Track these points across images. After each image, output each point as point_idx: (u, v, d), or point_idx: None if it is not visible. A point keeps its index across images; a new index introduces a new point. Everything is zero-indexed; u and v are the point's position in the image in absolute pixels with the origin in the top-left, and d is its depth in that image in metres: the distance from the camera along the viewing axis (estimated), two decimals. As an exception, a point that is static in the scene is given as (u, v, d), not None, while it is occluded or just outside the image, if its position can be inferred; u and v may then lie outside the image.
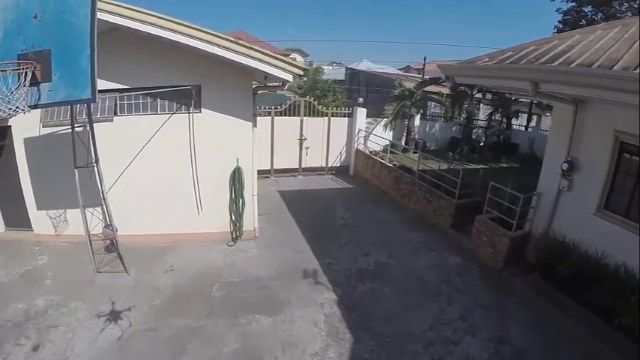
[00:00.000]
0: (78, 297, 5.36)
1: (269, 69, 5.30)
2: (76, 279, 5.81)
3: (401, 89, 12.58)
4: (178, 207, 7.10)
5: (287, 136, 11.81)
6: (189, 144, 6.66)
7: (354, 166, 12.50)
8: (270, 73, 5.36)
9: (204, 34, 5.08)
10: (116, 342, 4.64)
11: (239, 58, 5.28)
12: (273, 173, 12.12)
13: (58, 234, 6.86)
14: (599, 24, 6.48)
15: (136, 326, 4.93)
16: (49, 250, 6.66)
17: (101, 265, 6.14)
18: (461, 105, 13.44)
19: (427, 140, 13.80)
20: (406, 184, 9.27)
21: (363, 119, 12.14)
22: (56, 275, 5.94)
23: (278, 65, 5.25)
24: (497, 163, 13.69)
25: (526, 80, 4.53)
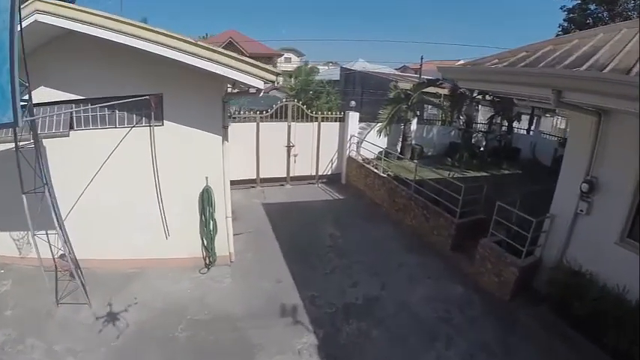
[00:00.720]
0: (36, 332, 4.81)
1: (235, 74, 4.43)
2: (37, 310, 5.21)
3: (396, 92, 11.73)
4: (143, 230, 6.28)
5: (274, 142, 10.95)
6: (152, 161, 5.79)
7: (346, 174, 11.65)
8: (237, 79, 4.49)
9: (150, 34, 4.19)
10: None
11: (198, 62, 4.41)
12: (260, 183, 11.26)
13: (23, 256, 6.15)
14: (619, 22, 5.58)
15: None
16: (14, 273, 6.03)
17: (64, 295, 5.52)
18: (460, 108, 12.59)
19: (424, 146, 12.95)
20: (402, 197, 8.42)
21: (356, 124, 11.28)
22: (17, 305, 5.34)
23: (245, 70, 4.38)
24: (498, 170, 12.88)
25: (546, 87, 3.68)
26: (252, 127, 10.72)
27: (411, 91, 11.60)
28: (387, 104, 11.45)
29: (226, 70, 4.38)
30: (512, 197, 10.30)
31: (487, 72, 4.39)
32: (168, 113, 5.58)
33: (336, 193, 10.83)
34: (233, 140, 10.65)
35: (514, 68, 4.01)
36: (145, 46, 4.25)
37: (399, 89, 11.81)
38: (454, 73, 5.23)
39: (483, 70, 4.47)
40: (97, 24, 4.16)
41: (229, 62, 4.35)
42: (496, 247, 6.00)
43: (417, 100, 11.58)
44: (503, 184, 11.26)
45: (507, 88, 4.38)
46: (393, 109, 11.19)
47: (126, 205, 6.07)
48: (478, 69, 4.59)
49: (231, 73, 4.40)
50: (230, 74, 4.42)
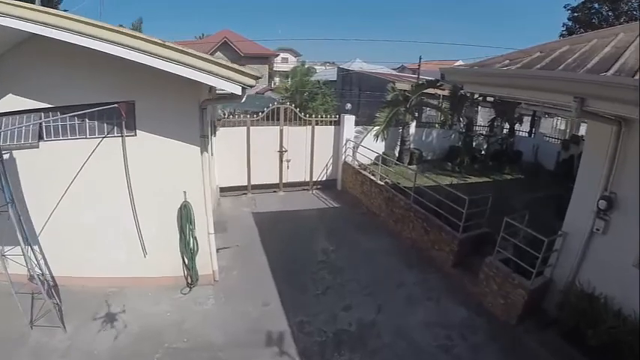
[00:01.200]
0: (6, 359, 4.46)
1: (208, 79, 3.90)
2: (10, 333, 4.82)
3: (394, 94, 11.20)
4: (120, 248, 5.80)
5: (265, 147, 10.42)
6: (125, 174, 5.25)
7: (341, 180, 11.13)
8: (211, 84, 3.96)
9: (109, 33, 3.65)
10: None
11: (166, 65, 3.87)
12: (251, 190, 10.74)
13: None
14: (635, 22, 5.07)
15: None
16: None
17: (39, 316, 5.08)
18: (460, 110, 12.08)
19: (424, 150, 12.43)
20: (400, 207, 7.90)
21: (352, 128, 10.76)
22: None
23: (220, 74, 3.85)
24: (500, 175, 12.39)
25: (568, 94, 3.17)
26: (243, 132, 10.19)
27: (409, 93, 11.09)
28: (385, 107, 10.94)
29: (199, 74, 3.85)
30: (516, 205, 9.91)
31: (498, 75, 3.86)
32: (141, 122, 5.05)
33: (330, 201, 10.31)
34: (223, 145, 10.18)
35: (530, 71, 3.48)
36: (104, 47, 3.72)
37: (397, 91, 11.29)
38: (459, 75, 4.69)
39: (494, 73, 3.93)
40: (51, 24, 3.62)
41: (202, 65, 3.82)
42: (503, 266, 5.49)
43: (416, 102, 11.07)
44: (506, 191, 10.77)
45: (521, 93, 3.86)
46: (390, 112, 10.67)
47: (101, 221, 5.60)
48: (487, 71, 4.06)
49: (204, 77, 3.87)
50: (203, 79, 3.89)
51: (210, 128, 9.28)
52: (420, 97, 11.30)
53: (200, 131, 5.01)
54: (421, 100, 11.26)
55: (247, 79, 3.91)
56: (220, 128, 9.98)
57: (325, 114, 18.92)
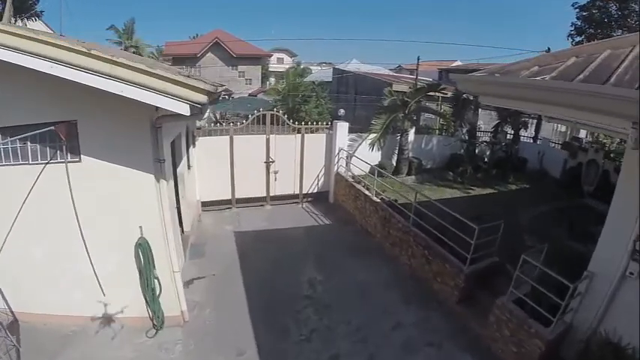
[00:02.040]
0: None
1: (145, 96, 3.04)
2: None
3: (392, 99, 10.34)
4: (76, 285, 4.99)
5: (250, 158, 9.57)
6: (72, 205, 4.39)
7: (334, 193, 10.29)
8: (149, 102, 3.10)
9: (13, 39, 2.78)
10: None
11: (90, 79, 3.00)
12: (236, 204, 9.88)
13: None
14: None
15: None
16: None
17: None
18: (463, 115, 11.26)
19: (423, 158, 11.61)
20: (397, 230, 7.07)
21: (345, 135, 9.90)
22: None
23: (160, 90, 2.98)
24: (505, 185, 11.61)
25: (625, 118, 2.34)
26: (225, 142, 9.32)
27: (408, 98, 10.24)
28: (381, 112, 10.09)
29: (134, 90, 2.99)
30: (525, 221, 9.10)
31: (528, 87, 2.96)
32: (86, 146, 4.19)
33: (321, 217, 9.46)
34: (203, 156, 9.32)
35: (575, 85, 2.60)
36: (13, 58, 2.85)
37: (394, 95, 10.42)
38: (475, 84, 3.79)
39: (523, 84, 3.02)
40: None
41: (138, 79, 2.96)
42: (517, 310, 4.67)
43: (415, 107, 10.23)
44: (512, 204, 9.98)
45: (556, 111, 2.95)
46: (387, 119, 9.83)
47: (52, 256, 4.80)
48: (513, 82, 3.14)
49: (139, 93, 3.01)
50: (138, 95, 3.03)
51: (188, 139, 8.46)
52: (419, 101, 10.47)
53: (154, 155, 4.14)
54: (421, 106, 10.41)
55: (195, 95, 3.02)
56: (200, 138, 9.11)
57: (319, 117, 18.20)
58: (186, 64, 25.14)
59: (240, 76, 26.36)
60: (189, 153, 8.52)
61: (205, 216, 9.42)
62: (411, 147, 10.92)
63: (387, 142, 10.43)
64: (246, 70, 26.32)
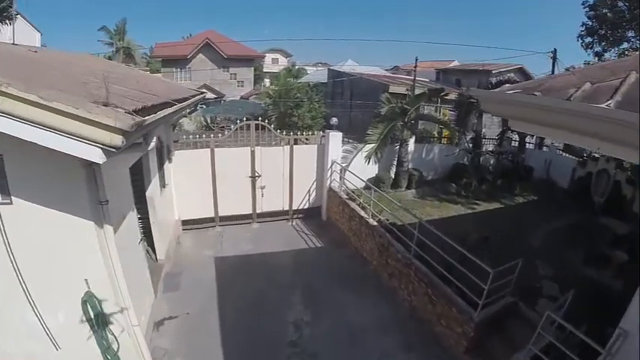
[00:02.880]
0: None
1: (36, 136, 2.15)
2: None
3: (390, 106, 9.46)
4: (29, 338, 4.06)
5: (234, 172, 8.69)
6: (8, 254, 3.48)
7: (326, 209, 9.42)
8: (45, 144, 2.21)
9: None
10: None
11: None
12: (219, 222, 9.00)
13: None
14: None
15: None
16: None
17: None
18: (467, 122, 10.42)
19: (424, 169, 10.77)
20: (397, 260, 6.21)
21: (338, 147, 9.02)
22: None
23: (44, 124, 2.09)
24: (511, 198, 10.80)
25: None
26: (206, 155, 8.42)
27: (407, 105, 9.36)
28: (378, 121, 9.22)
29: (18, 126, 2.11)
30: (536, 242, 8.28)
31: (592, 117, 2.06)
32: (16, 185, 3.28)
33: (313, 238, 8.58)
34: (182, 171, 8.43)
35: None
36: None
37: (392, 102, 9.54)
38: (506, 107, 2.86)
39: (582, 112, 2.13)
40: None
41: (20, 112, 2.07)
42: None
43: (415, 115, 9.36)
44: (521, 220, 9.17)
45: (626, 154, 2.08)
46: (385, 129, 8.96)
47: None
48: (567, 107, 2.20)
49: (28, 133, 2.13)
50: (27, 135, 2.15)
51: (162, 155, 7.57)
52: (419, 108, 9.60)
53: (92, 197, 3.24)
54: (421, 114, 9.51)
55: (106, 136, 2.10)
56: (177, 152, 8.22)
57: (312, 122, 17.26)
58: (176, 66, 24.24)
59: (232, 78, 25.42)
60: (164, 170, 7.63)
61: (186, 237, 8.53)
62: (410, 157, 10.06)
63: (384, 152, 9.55)
64: (238, 72, 25.39)
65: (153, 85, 6.97)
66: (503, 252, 6.51)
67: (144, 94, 4.45)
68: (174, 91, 7.11)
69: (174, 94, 6.52)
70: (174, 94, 6.52)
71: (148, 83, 7.07)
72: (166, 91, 6.74)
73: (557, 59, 14.48)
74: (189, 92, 8.06)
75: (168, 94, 6.07)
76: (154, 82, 7.55)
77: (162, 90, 6.87)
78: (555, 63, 14.52)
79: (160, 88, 6.87)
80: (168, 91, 6.95)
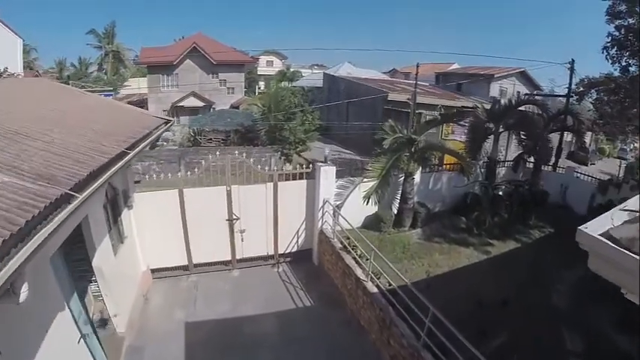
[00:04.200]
0: None
1: None
2: None
3: (394, 137, 7.97)
4: None
5: (208, 215, 7.40)
6: None
7: (318, 251, 8.11)
8: None
9: None
10: None
11: None
12: (194, 269, 7.70)
13: None
14: None
15: None
16: None
17: None
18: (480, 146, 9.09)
19: (430, 201, 9.48)
20: (402, 346, 4.89)
21: (331, 183, 7.67)
22: None
23: None
24: (527, 232, 9.57)
25: None
26: (173, 197, 7.09)
27: (415, 134, 7.98)
28: (380, 154, 7.84)
29: None
30: (562, 303, 7.07)
31: None
32: None
33: (301, 292, 7.26)
34: (147, 214, 7.13)
35: None
36: None
37: (397, 132, 8.05)
38: None
39: None
40: None
41: None
42: None
43: (425, 145, 7.99)
44: (540, 266, 7.96)
45: None
46: (388, 163, 7.60)
47: None
48: None
49: None
50: None
51: (117, 204, 6.25)
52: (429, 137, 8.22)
53: None
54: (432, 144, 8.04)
55: None
56: (139, 194, 6.89)
57: (306, 136, 15.86)
58: (162, 72, 22.80)
59: (222, 85, 23.98)
60: (122, 221, 6.34)
61: (156, 288, 7.26)
62: (416, 189, 8.73)
63: (387, 190, 8.17)
64: (228, 78, 23.95)
65: (101, 121, 5.63)
66: (526, 321, 5.30)
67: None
68: (129, 126, 5.79)
69: (127, 132, 5.23)
70: (127, 132, 5.23)
71: (98, 119, 5.73)
72: (118, 128, 5.44)
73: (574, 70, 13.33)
74: (152, 122, 6.75)
75: (118, 134, 4.79)
76: (104, 115, 6.20)
77: (112, 127, 5.55)
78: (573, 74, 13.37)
79: (110, 125, 5.53)
80: (124, 126, 5.65)
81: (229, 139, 18.76)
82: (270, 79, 43.73)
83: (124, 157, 4.28)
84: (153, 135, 6.30)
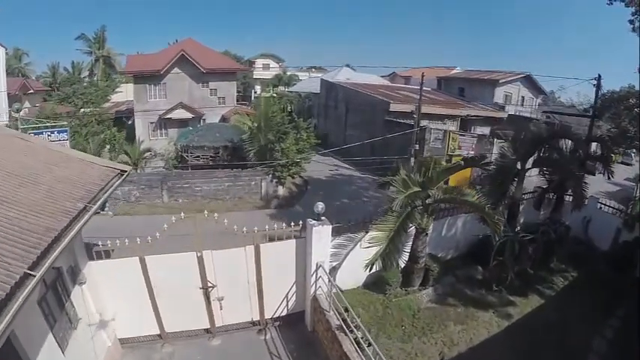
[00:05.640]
0: None
1: None
2: None
3: (405, 195, 6.27)
4: None
5: (178, 283, 6.17)
6: None
7: (311, 315, 6.85)
8: None
9: None
10: None
11: None
12: (168, 337, 6.51)
13: None
14: None
15: None
16: None
17: None
18: (505, 192, 7.73)
19: (442, 249, 8.23)
20: None
21: (326, 244, 6.32)
22: None
23: None
24: (549, 279, 8.46)
25: None
26: (134, 266, 5.84)
27: (430, 183, 6.48)
28: (387, 214, 6.42)
29: None
30: None
31: None
32: None
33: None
34: (106, 287, 5.89)
35: None
36: None
37: (412, 187, 6.38)
38: None
39: None
40: None
41: None
42: None
43: (441, 197, 6.58)
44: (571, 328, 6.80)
45: None
46: (397, 221, 6.18)
47: None
48: None
49: None
50: None
51: (63, 289, 5.04)
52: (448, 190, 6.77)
53: None
54: (451, 197, 6.53)
55: None
56: (95, 263, 5.67)
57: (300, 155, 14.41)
58: (149, 82, 21.41)
59: (212, 94, 22.57)
60: (71, 303, 5.17)
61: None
62: (428, 240, 7.36)
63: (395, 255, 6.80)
64: (218, 87, 22.55)
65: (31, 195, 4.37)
66: None
67: None
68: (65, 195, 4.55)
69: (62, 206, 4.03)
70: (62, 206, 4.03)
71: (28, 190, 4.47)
72: (54, 198, 4.23)
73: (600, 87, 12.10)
74: (101, 177, 5.50)
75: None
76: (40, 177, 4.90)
77: (44, 196, 4.31)
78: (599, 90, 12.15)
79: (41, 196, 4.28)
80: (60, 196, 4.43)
81: (218, 156, 17.42)
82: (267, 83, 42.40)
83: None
84: (99, 200, 5.04)
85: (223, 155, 17.33)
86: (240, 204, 13.62)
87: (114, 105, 32.44)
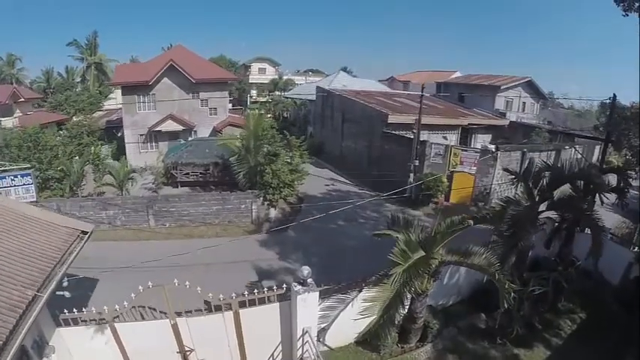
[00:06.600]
0: None
1: None
2: None
3: (407, 266, 5.44)
4: None
5: (154, 349, 5.55)
6: None
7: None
8: None
9: None
10: None
11: None
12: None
13: None
14: None
15: None
16: None
17: None
18: (517, 244, 7.07)
19: (444, 296, 7.63)
20: None
21: (313, 309, 5.67)
22: None
23: None
24: (557, 325, 7.85)
25: None
26: (103, 335, 5.23)
27: (432, 246, 5.77)
28: (380, 279, 5.73)
29: None
30: None
31: None
32: None
33: None
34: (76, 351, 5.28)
35: None
36: None
37: (412, 255, 5.53)
38: None
39: None
40: None
41: None
42: None
43: (446, 259, 5.90)
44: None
45: None
46: (394, 291, 5.48)
47: None
48: None
49: None
50: None
51: None
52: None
53: None
54: (458, 259, 5.84)
55: None
56: (65, 330, 5.06)
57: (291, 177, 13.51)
58: (138, 93, 20.68)
59: (204, 105, 21.85)
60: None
61: None
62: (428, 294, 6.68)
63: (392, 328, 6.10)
64: (209, 98, 21.83)
65: None
66: None
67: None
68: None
69: None
70: None
71: None
72: None
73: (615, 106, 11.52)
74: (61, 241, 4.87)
75: None
76: None
77: None
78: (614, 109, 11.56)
79: None
80: None
81: (208, 172, 16.74)
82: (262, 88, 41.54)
83: None
84: (55, 278, 4.39)
85: (213, 172, 16.67)
86: (230, 228, 12.94)
87: (105, 114, 31.66)
